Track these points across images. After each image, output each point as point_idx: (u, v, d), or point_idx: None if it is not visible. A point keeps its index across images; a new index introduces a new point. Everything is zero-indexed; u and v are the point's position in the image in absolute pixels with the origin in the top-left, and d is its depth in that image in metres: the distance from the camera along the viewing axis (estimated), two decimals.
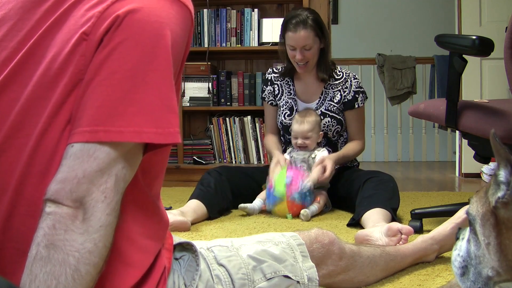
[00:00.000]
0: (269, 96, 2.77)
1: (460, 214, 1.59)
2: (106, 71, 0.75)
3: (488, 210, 0.87)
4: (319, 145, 2.66)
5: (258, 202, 2.47)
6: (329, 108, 2.64)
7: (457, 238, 1.00)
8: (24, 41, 0.79)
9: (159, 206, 0.92)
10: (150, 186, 0.89)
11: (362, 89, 2.68)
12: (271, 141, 2.76)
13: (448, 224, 1.60)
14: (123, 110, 0.74)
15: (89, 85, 0.75)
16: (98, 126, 0.74)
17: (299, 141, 2.55)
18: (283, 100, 2.73)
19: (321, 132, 2.60)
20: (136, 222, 0.85)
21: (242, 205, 2.42)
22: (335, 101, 2.65)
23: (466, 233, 0.97)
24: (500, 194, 0.84)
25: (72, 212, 0.71)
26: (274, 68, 2.81)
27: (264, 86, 2.80)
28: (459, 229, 1.02)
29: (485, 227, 0.87)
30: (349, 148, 2.64)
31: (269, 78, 2.79)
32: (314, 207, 2.41)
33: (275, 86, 2.76)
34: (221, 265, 0.99)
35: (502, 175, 0.84)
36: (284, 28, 2.60)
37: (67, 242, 0.70)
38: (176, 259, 0.97)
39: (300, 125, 2.55)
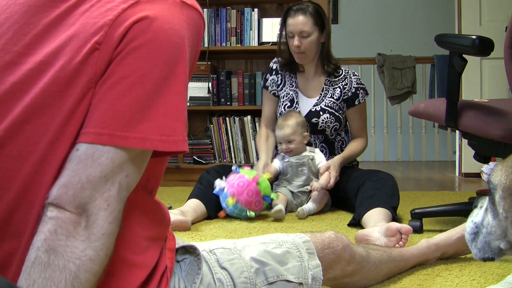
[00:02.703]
0: (272, 85, 2.76)
1: None
2: (118, 75, 0.75)
3: None
4: (315, 143, 2.65)
5: (281, 206, 2.39)
6: (329, 105, 2.64)
7: (475, 206, 0.97)
8: (29, 46, 0.78)
9: (160, 205, 0.92)
10: (152, 191, 0.89)
11: (363, 85, 2.69)
12: (263, 138, 2.72)
13: (454, 233, 1.59)
14: (130, 116, 0.74)
15: (101, 87, 0.75)
16: (103, 129, 0.73)
17: (283, 146, 2.54)
18: (285, 91, 2.72)
19: (306, 133, 2.57)
20: (139, 225, 0.85)
21: (278, 207, 2.34)
22: (335, 97, 2.65)
23: (485, 202, 0.94)
24: None
25: (75, 218, 0.71)
26: (279, 58, 2.79)
27: (268, 75, 2.78)
28: (478, 197, 0.99)
29: (506, 200, 0.84)
30: (352, 148, 2.63)
31: (274, 67, 2.78)
32: (312, 206, 2.41)
33: (279, 76, 2.75)
34: (223, 268, 0.98)
35: None
36: (285, 17, 2.64)
37: (68, 248, 0.70)
38: (178, 261, 0.96)
39: (281, 130, 2.54)
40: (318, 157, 2.55)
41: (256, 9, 3.68)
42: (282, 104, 2.71)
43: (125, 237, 0.80)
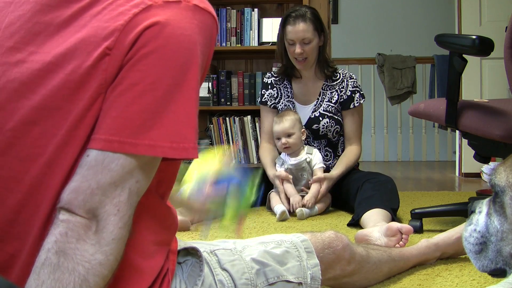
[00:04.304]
0: (270, 100, 2.76)
1: None
2: (128, 82, 0.74)
3: None
4: (319, 147, 2.65)
5: (283, 207, 2.40)
6: (328, 109, 2.64)
7: (472, 212, 0.90)
8: (41, 46, 0.78)
9: (170, 209, 0.92)
10: (164, 194, 0.89)
11: (359, 89, 2.68)
12: (266, 154, 2.71)
13: (454, 233, 1.59)
14: (140, 123, 0.74)
15: (111, 94, 0.75)
16: (114, 136, 0.73)
17: (283, 140, 2.53)
18: (282, 103, 2.73)
19: (303, 130, 2.58)
20: (149, 230, 0.85)
21: (279, 209, 2.36)
22: (333, 101, 2.65)
23: (484, 206, 0.88)
24: None
25: (85, 222, 0.71)
26: (272, 72, 2.81)
27: (264, 90, 2.79)
28: (473, 201, 0.92)
29: None
30: (348, 160, 2.59)
31: (269, 82, 2.79)
32: (315, 208, 2.41)
33: (275, 89, 2.76)
34: (224, 269, 0.98)
35: None
36: (284, 23, 2.62)
37: (78, 251, 0.70)
38: (179, 263, 0.96)
39: (280, 124, 2.54)
40: (315, 158, 2.55)
41: (256, 9, 3.68)
42: None
43: (134, 241, 0.80)
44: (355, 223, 2.16)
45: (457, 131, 3.79)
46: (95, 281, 0.70)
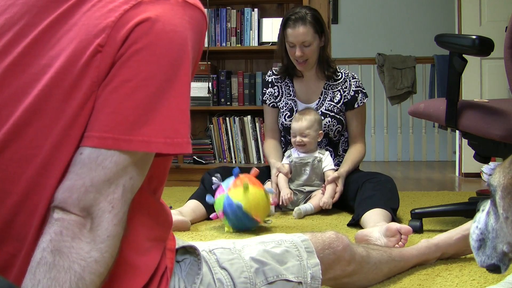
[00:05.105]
0: (270, 98, 2.77)
1: (468, 227, 1.58)
2: (120, 78, 0.74)
3: (510, 182, 0.83)
4: (320, 146, 2.66)
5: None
6: (329, 108, 2.64)
7: (477, 210, 0.96)
8: (31, 46, 0.78)
9: (163, 206, 0.92)
10: (155, 190, 0.89)
11: (362, 88, 2.68)
12: (270, 147, 2.74)
13: (454, 234, 1.59)
14: (134, 119, 0.74)
15: (103, 91, 0.74)
16: (107, 132, 0.73)
17: (298, 138, 2.54)
18: (283, 102, 2.73)
19: (321, 132, 2.59)
20: (143, 226, 0.85)
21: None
22: (335, 101, 2.65)
23: (487, 205, 0.93)
24: None
25: (80, 220, 0.71)
26: (273, 70, 2.81)
27: (265, 89, 2.80)
28: (480, 200, 0.98)
29: (505, 200, 0.84)
30: (354, 156, 2.61)
31: (270, 80, 2.79)
32: (309, 206, 2.41)
33: (275, 88, 2.76)
34: (223, 268, 0.98)
35: None
36: (284, 26, 2.61)
37: (73, 249, 0.70)
38: (178, 262, 0.96)
39: (298, 122, 2.55)
40: (326, 160, 2.56)
41: (256, 9, 3.68)
42: (282, 115, 2.72)
43: (128, 237, 0.80)
44: (355, 223, 2.16)
45: (457, 131, 3.79)
46: (91, 279, 0.70)
